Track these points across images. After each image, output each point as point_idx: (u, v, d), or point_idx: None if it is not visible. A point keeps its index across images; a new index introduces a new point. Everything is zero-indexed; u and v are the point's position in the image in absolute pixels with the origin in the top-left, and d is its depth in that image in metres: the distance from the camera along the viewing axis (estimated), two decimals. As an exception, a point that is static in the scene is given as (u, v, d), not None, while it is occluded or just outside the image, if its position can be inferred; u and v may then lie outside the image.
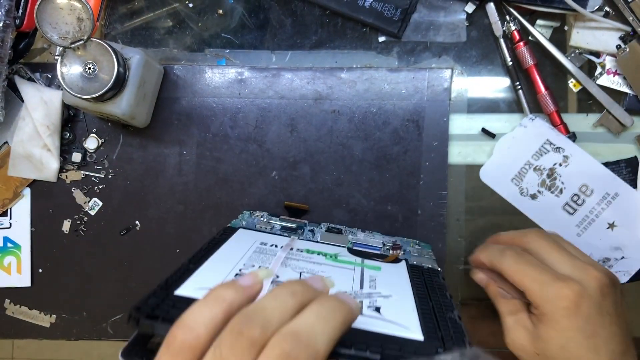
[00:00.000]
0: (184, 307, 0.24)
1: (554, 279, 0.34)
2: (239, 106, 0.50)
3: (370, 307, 0.30)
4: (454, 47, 0.50)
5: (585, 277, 0.34)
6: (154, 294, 0.27)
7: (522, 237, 0.39)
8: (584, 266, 0.35)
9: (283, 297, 0.24)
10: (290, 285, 0.25)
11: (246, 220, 0.46)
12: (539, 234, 0.39)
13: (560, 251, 0.37)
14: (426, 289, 0.35)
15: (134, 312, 0.25)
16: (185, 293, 0.28)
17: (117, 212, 0.52)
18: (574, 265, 0.35)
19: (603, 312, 0.34)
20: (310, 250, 0.39)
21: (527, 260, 0.36)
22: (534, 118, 0.48)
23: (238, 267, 0.33)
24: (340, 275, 0.35)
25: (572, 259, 0.36)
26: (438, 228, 0.50)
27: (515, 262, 0.36)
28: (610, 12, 0.47)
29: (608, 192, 0.48)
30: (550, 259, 0.36)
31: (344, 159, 0.50)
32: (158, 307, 0.26)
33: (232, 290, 0.24)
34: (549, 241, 0.38)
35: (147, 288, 0.51)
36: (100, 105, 0.44)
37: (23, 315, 0.53)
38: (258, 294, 0.25)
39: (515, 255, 0.37)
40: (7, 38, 0.46)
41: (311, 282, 0.26)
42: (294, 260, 0.36)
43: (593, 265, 0.35)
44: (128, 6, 0.51)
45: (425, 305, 0.32)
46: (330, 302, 0.24)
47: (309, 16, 0.50)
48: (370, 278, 0.35)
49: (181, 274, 0.30)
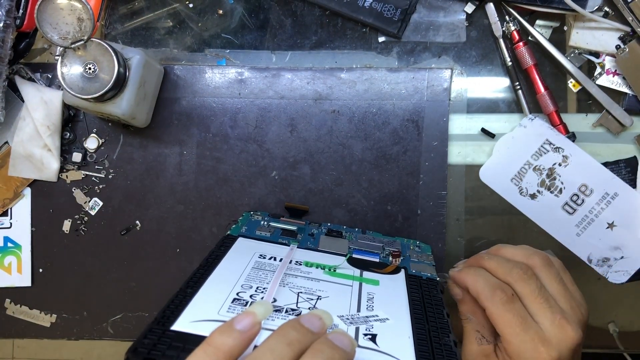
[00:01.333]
0: (181, 347, 0.25)
1: (534, 340, 0.35)
2: (239, 106, 0.50)
3: (367, 336, 0.30)
4: (453, 47, 0.50)
5: (563, 338, 0.35)
6: (150, 330, 0.27)
7: (529, 260, 0.38)
8: (562, 324, 0.35)
9: (279, 350, 0.24)
10: (287, 332, 0.25)
11: (246, 223, 0.46)
12: (544, 263, 0.38)
13: (547, 300, 0.36)
14: (423, 306, 0.35)
15: (131, 354, 0.25)
16: (182, 328, 0.28)
17: (117, 212, 0.52)
18: (552, 321, 0.35)
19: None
20: (309, 263, 0.39)
21: (515, 310, 0.36)
22: (533, 118, 0.48)
23: (236, 291, 0.33)
24: (338, 294, 0.35)
25: (553, 312, 0.36)
26: (438, 228, 0.50)
27: (503, 309, 0.36)
28: (609, 12, 0.47)
29: (607, 191, 0.48)
30: (536, 305, 0.36)
31: (344, 159, 0.50)
32: (154, 348, 0.26)
33: (230, 339, 0.24)
34: (549, 276, 0.37)
35: (147, 288, 0.52)
36: (101, 105, 0.44)
37: (23, 315, 0.53)
38: (256, 336, 0.26)
39: (505, 301, 0.36)
40: (8, 38, 0.46)
41: (309, 324, 0.26)
42: (292, 277, 0.36)
43: (570, 319, 0.36)
44: (128, 6, 0.51)
45: (421, 328, 0.32)
46: (324, 353, 0.24)
47: (309, 16, 0.50)
48: (368, 296, 0.35)
49: (179, 302, 0.30)
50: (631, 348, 0.52)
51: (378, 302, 0.35)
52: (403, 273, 0.40)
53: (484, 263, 0.39)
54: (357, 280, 0.38)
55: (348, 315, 0.32)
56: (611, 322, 0.52)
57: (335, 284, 0.37)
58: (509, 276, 0.37)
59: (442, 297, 0.37)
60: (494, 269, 0.39)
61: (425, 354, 0.30)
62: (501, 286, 0.37)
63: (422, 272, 0.41)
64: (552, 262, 0.38)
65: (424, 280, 0.40)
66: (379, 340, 0.30)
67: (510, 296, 0.36)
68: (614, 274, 0.48)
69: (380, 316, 0.33)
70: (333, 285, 0.36)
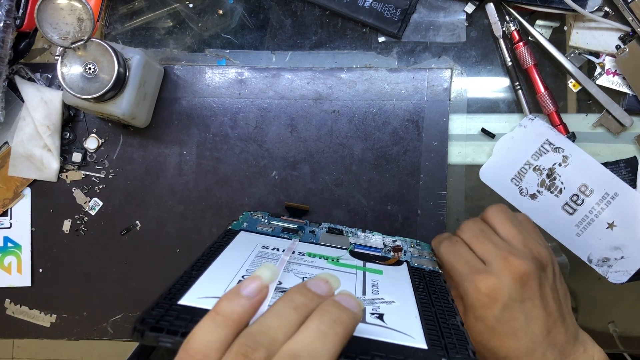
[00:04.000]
0: (188, 318, 0.25)
1: (472, 272, 0.37)
2: (239, 106, 0.50)
3: (374, 314, 0.30)
4: (453, 47, 0.50)
5: (503, 268, 0.36)
6: (157, 304, 0.27)
7: (483, 213, 0.41)
8: (506, 256, 0.36)
9: (286, 314, 0.24)
10: (293, 296, 0.25)
11: (247, 221, 0.46)
12: (495, 210, 0.40)
13: (490, 240, 0.38)
14: (428, 293, 0.35)
15: (138, 324, 0.25)
16: (189, 302, 0.28)
17: (117, 212, 0.52)
18: (497, 255, 0.37)
19: (523, 298, 0.36)
20: (312, 254, 0.39)
21: (455, 251, 0.39)
22: (533, 118, 0.48)
23: (241, 274, 0.33)
24: (343, 280, 0.35)
25: (498, 247, 0.37)
26: (438, 228, 0.50)
27: (446, 252, 0.39)
28: (609, 13, 0.47)
29: (607, 192, 0.48)
30: (481, 245, 0.38)
31: (344, 159, 0.50)
32: (162, 319, 0.26)
33: (238, 306, 0.24)
34: (500, 221, 0.39)
35: (147, 288, 0.52)
36: (101, 106, 0.44)
37: (23, 315, 0.53)
38: (263, 301, 0.25)
39: (448, 245, 0.40)
40: (8, 38, 0.46)
41: (315, 287, 0.26)
42: (297, 264, 0.36)
43: (517, 253, 0.37)
44: (128, 6, 0.51)
45: (427, 311, 0.32)
46: (331, 314, 0.24)
47: (309, 16, 0.50)
48: (373, 283, 0.35)
49: (184, 282, 0.30)
50: (631, 348, 0.52)
51: (383, 288, 0.35)
52: (406, 265, 0.40)
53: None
54: (361, 269, 0.38)
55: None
56: (611, 322, 0.52)
57: (339, 272, 0.36)
58: (459, 229, 0.41)
59: (445, 286, 0.37)
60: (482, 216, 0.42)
61: (433, 331, 0.29)
62: (449, 237, 0.41)
63: (424, 265, 0.41)
64: (504, 209, 0.40)
65: (427, 272, 0.40)
66: (386, 319, 0.30)
67: (453, 242, 0.40)
68: (614, 274, 0.48)
69: (386, 299, 0.32)
70: (337, 273, 0.36)
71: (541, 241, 0.39)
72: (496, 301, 0.35)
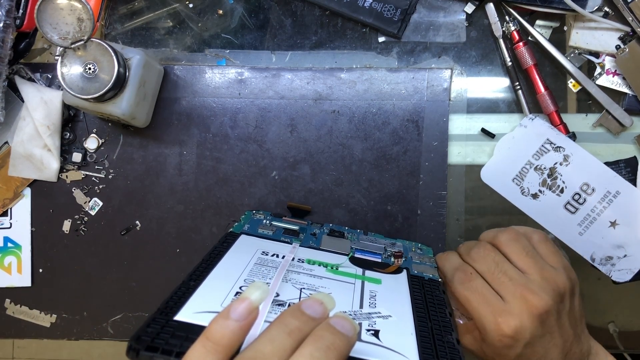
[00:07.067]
0: (184, 336, 0.25)
1: (493, 313, 0.36)
2: (239, 106, 0.50)
3: (370, 331, 0.30)
4: (453, 47, 0.50)
5: (523, 307, 0.35)
6: (153, 319, 0.27)
7: (494, 239, 0.40)
8: (525, 294, 0.36)
9: (280, 339, 0.24)
10: (287, 320, 0.25)
11: (249, 221, 0.46)
12: (509, 238, 0.39)
13: (505, 273, 0.37)
14: (426, 305, 0.35)
15: (134, 342, 0.25)
16: (185, 318, 0.28)
17: (117, 212, 0.52)
18: (514, 293, 0.36)
19: (543, 333, 0.36)
20: (312, 261, 0.39)
21: (473, 287, 0.37)
22: (533, 118, 0.48)
23: (239, 285, 0.33)
24: (341, 291, 0.35)
25: (515, 284, 0.36)
26: (438, 228, 0.50)
27: (462, 288, 0.38)
28: (609, 13, 0.47)
29: (609, 190, 0.48)
30: (497, 281, 0.37)
31: (344, 159, 0.50)
32: (158, 337, 0.26)
33: (227, 330, 0.24)
34: (514, 250, 0.38)
35: (147, 288, 0.52)
36: (101, 106, 0.44)
37: (23, 315, 0.53)
38: (254, 322, 0.25)
39: (463, 280, 0.38)
40: (8, 38, 0.46)
41: (310, 310, 0.26)
42: (295, 273, 0.36)
43: (535, 288, 0.36)
44: (128, 6, 0.51)
45: (424, 326, 0.32)
46: (325, 340, 0.24)
47: (309, 16, 0.50)
48: (371, 294, 0.35)
49: (182, 293, 0.31)
50: (631, 348, 0.52)
51: (380, 299, 0.35)
52: (405, 273, 0.40)
53: (458, 247, 0.42)
54: (360, 278, 0.38)
55: (350, 312, 0.32)
56: (611, 322, 0.52)
57: (338, 282, 0.37)
58: (468, 257, 0.40)
59: (444, 297, 0.37)
60: (461, 251, 0.41)
61: (428, 350, 0.30)
62: (461, 267, 0.39)
63: (424, 273, 0.41)
64: (519, 236, 0.39)
65: (426, 280, 0.40)
66: (382, 336, 0.30)
67: (468, 275, 0.38)
68: (617, 272, 0.48)
69: (383, 313, 0.33)
70: (335, 283, 0.36)
71: (559, 262, 0.38)
72: (518, 341, 0.35)
